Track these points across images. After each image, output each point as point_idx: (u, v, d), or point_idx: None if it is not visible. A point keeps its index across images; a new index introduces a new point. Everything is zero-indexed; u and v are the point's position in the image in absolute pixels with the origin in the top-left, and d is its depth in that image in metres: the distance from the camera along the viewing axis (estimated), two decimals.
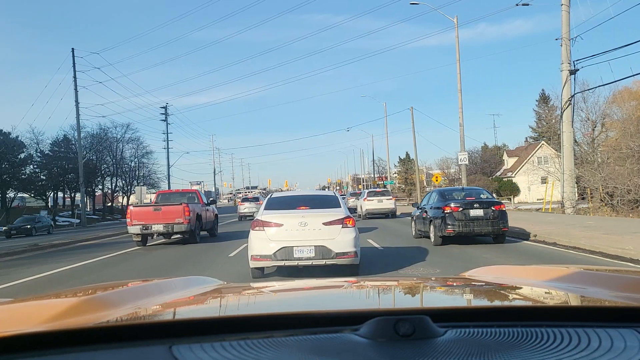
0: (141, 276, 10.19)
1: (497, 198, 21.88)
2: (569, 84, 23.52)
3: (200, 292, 1.79)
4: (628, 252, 10.07)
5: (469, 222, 13.22)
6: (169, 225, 16.48)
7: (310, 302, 1.69)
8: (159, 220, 16.51)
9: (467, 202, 13.59)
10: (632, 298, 1.30)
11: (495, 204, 13.82)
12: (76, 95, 38.89)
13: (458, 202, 13.65)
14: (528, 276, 1.95)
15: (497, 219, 13.28)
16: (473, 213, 13.30)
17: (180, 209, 16.57)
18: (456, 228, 13.13)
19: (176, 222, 16.45)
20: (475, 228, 13.22)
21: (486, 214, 13.31)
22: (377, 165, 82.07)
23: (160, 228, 16.57)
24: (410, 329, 0.96)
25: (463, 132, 29.19)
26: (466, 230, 13.17)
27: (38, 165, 52.71)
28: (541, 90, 59.29)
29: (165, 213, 16.55)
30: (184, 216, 16.47)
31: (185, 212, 16.51)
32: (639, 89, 35.76)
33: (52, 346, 0.97)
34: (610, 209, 24.61)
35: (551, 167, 38.81)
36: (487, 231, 13.36)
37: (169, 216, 16.49)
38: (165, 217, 16.50)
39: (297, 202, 9.15)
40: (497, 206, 13.62)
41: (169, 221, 16.46)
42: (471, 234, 13.31)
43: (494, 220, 13.24)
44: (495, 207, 13.54)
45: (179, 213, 16.49)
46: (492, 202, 13.94)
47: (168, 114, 55.78)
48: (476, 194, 14.79)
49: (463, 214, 13.27)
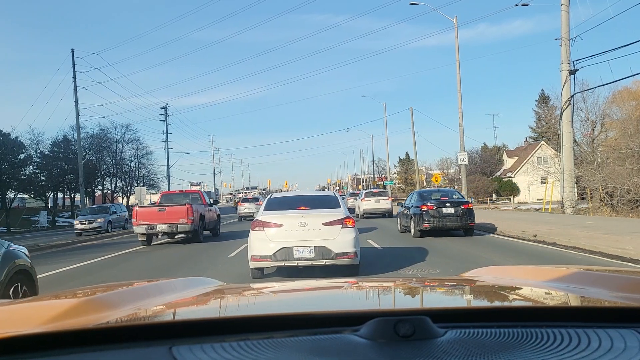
0: (142, 277, 10.20)
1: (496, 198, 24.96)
2: (569, 84, 23.54)
3: (200, 293, 1.79)
4: (628, 252, 10.07)
5: (442, 218, 15.50)
6: (173, 225, 16.86)
7: (310, 303, 1.69)
8: (163, 220, 16.87)
9: (441, 202, 15.91)
10: (632, 298, 1.30)
11: (464, 203, 16.18)
12: (76, 96, 38.88)
13: (433, 201, 15.93)
14: (528, 276, 1.95)
15: (465, 215, 15.60)
16: (445, 211, 15.58)
17: (184, 210, 16.93)
18: (431, 223, 15.42)
19: (180, 222, 16.83)
20: (447, 223, 15.49)
21: (456, 212, 15.57)
22: (377, 166, 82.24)
23: (165, 228, 16.94)
24: (410, 329, 0.96)
25: (463, 132, 29.22)
26: (439, 225, 15.45)
27: (38, 166, 52.67)
28: (541, 90, 59.42)
29: (169, 213, 16.90)
30: (187, 216, 16.84)
31: (189, 213, 16.87)
32: (638, 89, 35.79)
33: (52, 347, 0.97)
34: (610, 209, 24.63)
35: (551, 167, 38.86)
36: (457, 226, 15.62)
37: (173, 216, 16.85)
38: (170, 218, 16.86)
39: (297, 203, 9.15)
40: (465, 205, 15.96)
41: (174, 221, 16.83)
42: (444, 228, 15.58)
43: (462, 217, 15.55)
44: (463, 205, 15.86)
45: (183, 213, 16.86)
46: (461, 201, 16.25)
47: (168, 115, 55.76)
48: (449, 194, 17.14)
49: (437, 211, 15.55)
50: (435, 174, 43.22)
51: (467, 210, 15.74)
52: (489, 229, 17.31)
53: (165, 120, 55.60)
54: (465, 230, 15.83)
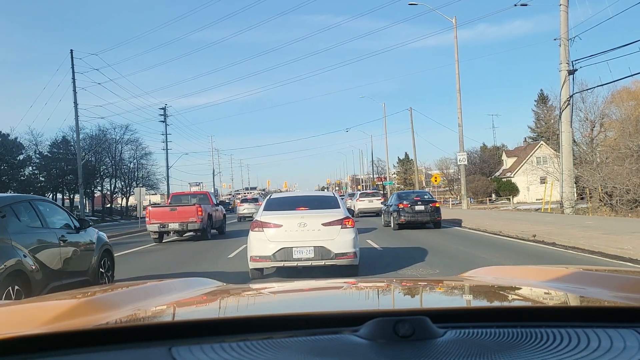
0: (142, 277, 10.18)
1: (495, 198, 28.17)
2: (568, 84, 23.56)
3: (199, 294, 1.79)
4: (627, 252, 10.07)
5: (415, 214, 18.96)
6: (183, 224, 18.00)
7: (309, 303, 1.69)
8: (174, 219, 18.00)
9: (414, 201, 19.30)
10: (631, 298, 1.30)
11: (433, 201, 19.74)
12: (75, 97, 38.85)
13: (408, 200, 19.40)
14: (527, 277, 1.95)
15: (433, 212, 19.08)
16: (417, 208, 19.08)
17: (193, 209, 18.14)
18: (407, 218, 18.82)
19: (190, 221, 17.99)
20: (419, 218, 18.95)
21: (426, 209, 19.06)
22: (376, 166, 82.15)
23: (176, 226, 18.08)
24: (409, 329, 0.96)
25: (462, 132, 29.25)
26: (413, 219, 18.83)
27: (37, 166, 52.64)
28: (540, 90, 59.33)
29: (180, 213, 18.07)
30: (197, 215, 18.01)
31: (198, 212, 18.05)
32: (637, 89, 35.83)
33: (52, 348, 0.97)
34: (609, 209, 24.63)
35: (550, 167, 38.85)
36: (427, 220, 19.04)
37: (183, 215, 17.99)
38: (180, 217, 17.99)
39: (296, 203, 9.14)
40: (433, 203, 19.51)
41: (184, 220, 17.96)
42: (417, 222, 18.95)
43: (431, 213, 19.04)
44: (432, 204, 19.39)
45: (192, 213, 18.04)
46: (431, 200, 19.83)
47: (167, 115, 55.72)
48: (421, 195, 20.80)
49: (411, 208, 18.99)
50: (435, 174, 43.28)
51: (435, 207, 19.21)
52: (486, 230, 17.35)
53: (165, 121, 55.59)
54: (434, 223, 19.15)
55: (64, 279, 6.89)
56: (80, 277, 7.45)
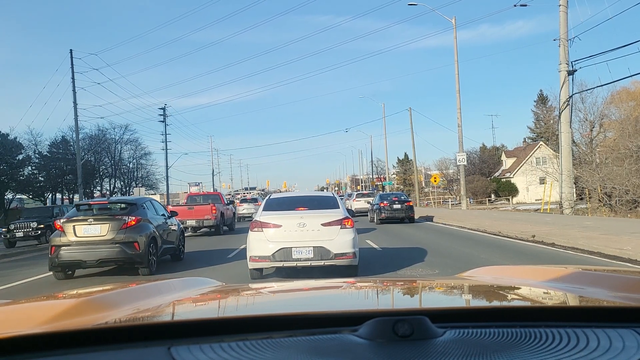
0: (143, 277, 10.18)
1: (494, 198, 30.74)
2: (567, 85, 23.57)
3: (199, 293, 1.79)
4: (626, 252, 10.08)
5: (393, 211, 23.20)
6: (199, 221, 20.39)
7: (309, 303, 1.69)
8: (192, 216, 20.35)
9: (392, 200, 23.64)
10: (630, 298, 1.30)
11: (407, 201, 24.46)
12: (74, 97, 38.80)
13: (388, 200, 23.75)
14: (527, 276, 1.95)
15: (408, 209, 23.56)
16: (395, 206, 23.32)
17: (208, 208, 20.66)
18: (386, 214, 23.04)
19: (205, 218, 20.41)
20: (396, 215, 23.22)
21: (402, 207, 23.40)
22: (376, 166, 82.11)
23: (193, 223, 20.40)
24: (409, 329, 0.96)
25: (461, 132, 29.27)
26: (391, 216, 23.09)
27: (36, 166, 52.53)
28: (539, 91, 59.29)
29: (197, 211, 20.59)
30: (211, 213, 20.46)
31: (212, 210, 20.54)
32: (637, 90, 35.87)
33: (52, 347, 0.97)
34: (609, 209, 24.66)
35: (549, 167, 38.86)
36: (402, 216, 23.36)
37: (199, 213, 20.47)
38: (197, 214, 20.44)
39: (296, 203, 9.14)
40: (408, 202, 24.16)
41: (200, 217, 20.38)
42: (395, 218, 23.20)
43: (406, 210, 23.50)
44: (407, 203, 23.97)
45: (207, 211, 20.54)
46: (406, 200, 24.47)
47: (166, 115, 55.66)
48: (399, 196, 25.25)
49: (390, 206, 23.21)
50: (434, 175, 43.28)
51: (409, 206, 23.87)
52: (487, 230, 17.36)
53: (164, 121, 55.54)
54: (409, 219, 23.64)
55: (167, 244, 11.37)
56: (172, 245, 11.81)
